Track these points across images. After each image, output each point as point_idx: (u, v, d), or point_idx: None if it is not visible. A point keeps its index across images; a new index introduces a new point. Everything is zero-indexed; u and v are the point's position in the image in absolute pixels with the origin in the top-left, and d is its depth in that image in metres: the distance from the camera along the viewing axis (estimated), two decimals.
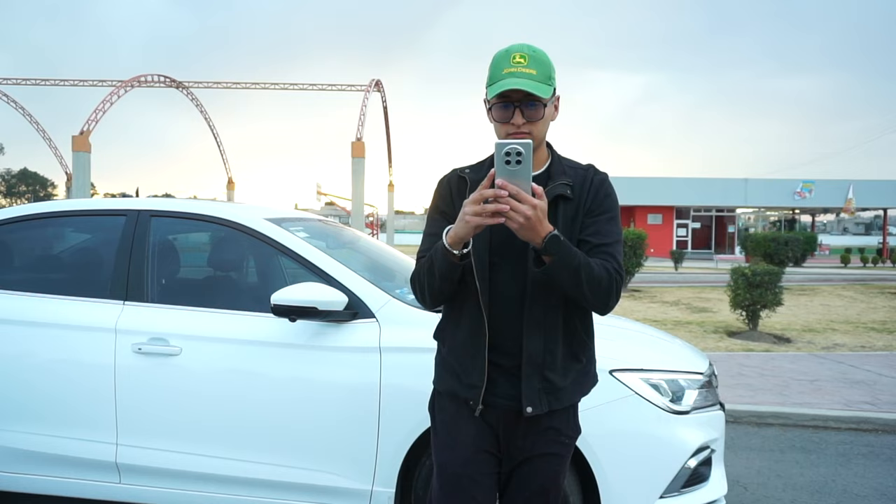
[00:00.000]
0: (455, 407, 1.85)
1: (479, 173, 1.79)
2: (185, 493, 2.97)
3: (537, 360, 1.75)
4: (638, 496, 2.68)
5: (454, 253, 1.63)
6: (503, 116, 1.70)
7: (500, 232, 1.68)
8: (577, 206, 1.77)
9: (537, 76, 1.67)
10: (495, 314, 1.76)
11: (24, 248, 3.47)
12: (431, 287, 1.74)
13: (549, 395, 1.78)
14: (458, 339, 1.83)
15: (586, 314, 1.86)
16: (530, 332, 1.74)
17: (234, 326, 2.92)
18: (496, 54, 1.73)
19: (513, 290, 1.75)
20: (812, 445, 4.79)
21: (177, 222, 3.32)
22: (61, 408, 3.04)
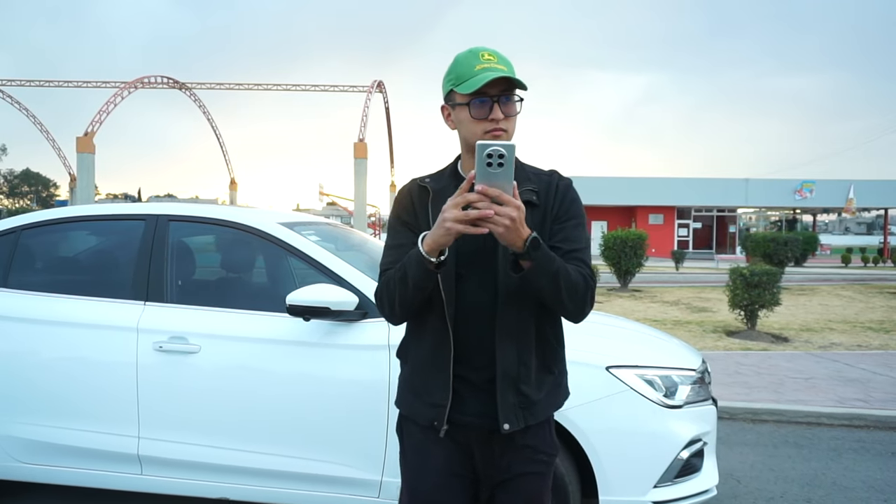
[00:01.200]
0: (420, 430, 1.77)
1: (439, 182, 1.76)
2: (203, 483, 3.13)
3: (512, 373, 1.69)
4: (633, 485, 2.84)
5: (431, 260, 1.55)
6: (481, 112, 1.65)
7: (467, 241, 1.62)
8: (543, 212, 1.73)
9: (509, 71, 1.65)
10: (462, 327, 1.69)
11: (50, 251, 3.64)
12: (403, 298, 1.65)
13: (525, 410, 1.70)
14: (421, 356, 1.76)
15: (556, 323, 1.80)
16: (503, 343, 1.68)
17: (250, 325, 3.08)
18: (459, 56, 1.70)
19: (482, 300, 1.69)
20: (805, 441, 4.95)
21: (194, 226, 3.48)
22: (86, 403, 3.20)
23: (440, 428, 1.71)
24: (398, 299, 1.66)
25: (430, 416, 1.73)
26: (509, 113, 1.66)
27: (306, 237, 3.29)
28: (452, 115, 1.72)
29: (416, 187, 1.79)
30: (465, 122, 1.68)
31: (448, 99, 1.73)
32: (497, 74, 1.61)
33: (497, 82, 1.62)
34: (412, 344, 1.81)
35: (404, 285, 1.63)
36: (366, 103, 41.57)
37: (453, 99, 1.70)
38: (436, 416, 1.71)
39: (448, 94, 1.72)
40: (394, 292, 1.67)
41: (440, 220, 1.51)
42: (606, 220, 40.63)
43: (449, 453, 1.75)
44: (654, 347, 3.34)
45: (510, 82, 1.64)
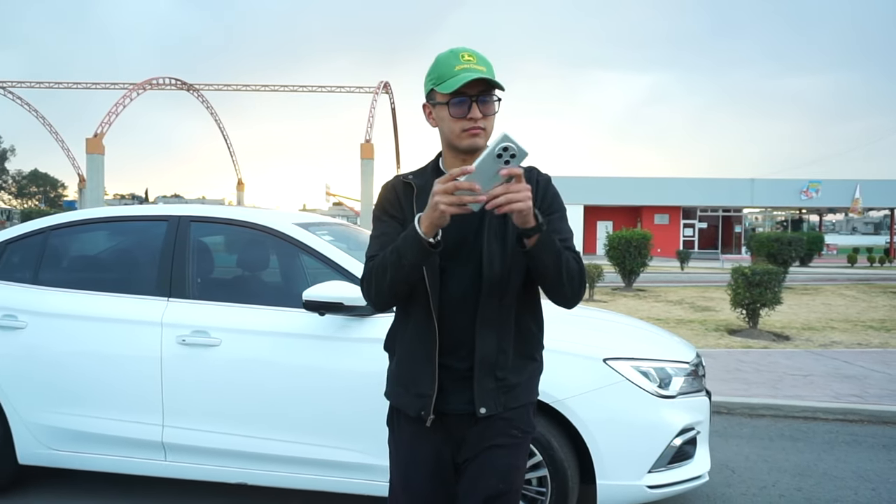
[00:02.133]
0: (410, 421, 1.82)
1: (422, 178, 1.82)
2: (223, 469, 3.32)
3: (490, 360, 1.75)
4: (629, 470, 3.01)
5: (430, 241, 1.59)
6: (460, 112, 1.70)
7: (450, 236, 1.70)
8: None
9: (487, 72, 1.70)
10: (446, 318, 1.75)
11: (78, 250, 3.84)
12: (394, 280, 1.67)
13: (505, 395, 1.77)
14: (408, 348, 1.81)
15: (538, 313, 1.88)
16: (483, 331, 1.74)
17: (268, 320, 3.27)
18: (439, 56, 1.75)
19: (465, 292, 1.75)
20: (800, 434, 5.11)
21: (214, 227, 3.68)
22: (113, 393, 3.40)
23: (426, 418, 1.77)
24: (388, 282, 1.68)
25: (417, 406, 1.78)
26: (487, 112, 1.72)
27: (320, 237, 3.48)
28: (434, 113, 1.78)
29: (399, 183, 1.85)
30: (444, 121, 1.74)
31: (429, 97, 1.78)
32: (475, 75, 1.66)
33: (476, 83, 1.67)
34: (398, 336, 1.86)
35: (398, 267, 1.65)
36: (372, 104, 41.81)
37: (434, 98, 1.76)
38: (423, 406, 1.77)
39: (429, 93, 1.78)
40: (383, 275, 1.68)
41: (432, 204, 1.54)
42: (612, 220, 40.74)
43: (438, 444, 1.81)
44: (650, 341, 3.52)
45: (488, 83, 1.69)
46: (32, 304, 3.56)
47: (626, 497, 3.04)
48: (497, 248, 1.74)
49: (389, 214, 1.82)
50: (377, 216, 1.84)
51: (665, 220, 41.12)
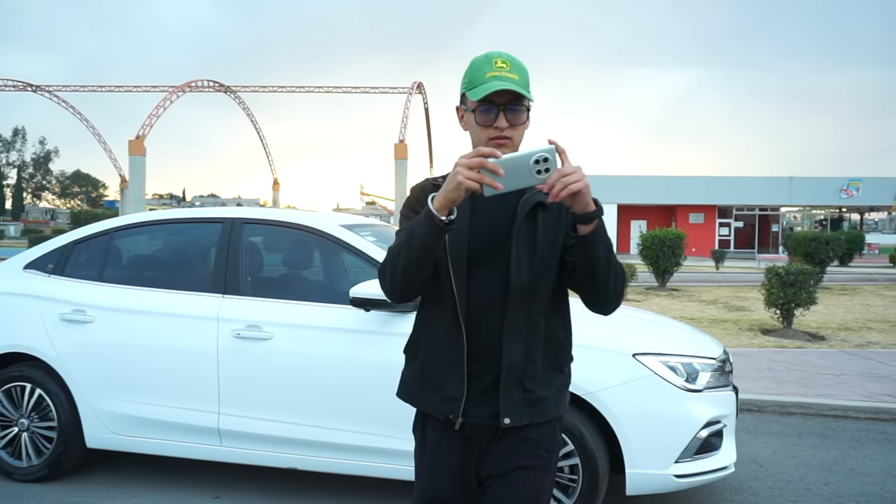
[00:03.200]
0: (442, 428, 1.78)
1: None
2: (275, 454, 3.55)
3: (517, 369, 1.71)
4: (656, 460, 3.18)
5: (441, 218, 1.54)
6: (486, 120, 1.67)
7: (478, 240, 1.69)
8: (556, 213, 1.74)
9: (520, 81, 1.66)
10: (474, 324, 1.71)
11: (140, 249, 4.14)
12: (407, 263, 1.62)
13: (530, 407, 1.72)
14: (435, 353, 1.77)
15: (567, 324, 1.84)
16: (510, 339, 1.70)
17: (317, 315, 3.50)
18: (474, 60, 1.72)
19: (493, 297, 1.71)
20: (829, 432, 5.18)
21: (265, 228, 3.93)
22: (173, 383, 3.66)
23: (455, 421, 1.73)
24: (401, 265, 1.63)
25: (445, 410, 1.75)
26: (515, 122, 1.67)
27: (364, 238, 3.70)
28: (465, 118, 1.76)
29: (429, 185, 1.81)
30: (472, 127, 1.72)
31: (462, 101, 1.77)
32: (502, 85, 1.62)
33: (505, 91, 1.64)
34: (423, 341, 1.82)
35: (409, 248, 1.60)
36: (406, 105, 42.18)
37: (465, 102, 1.74)
38: (451, 410, 1.74)
39: (462, 97, 1.76)
40: (397, 260, 1.64)
41: (451, 175, 1.52)
42: (646, 219, 40.47)
43: (463, 451, 1.77)
44: (677, 338, 3.67)
45: (518, 92, 1.65)
46: (99, 300, 3.84)
47: (654, 485, 3.20)
48: (526, 253, 1.70)
49: (416, 212, 1.75)
50: (404, 214, 1.81)
51: (700, 219, 40.71)
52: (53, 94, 48.64)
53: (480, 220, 1.66)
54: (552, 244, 1.72)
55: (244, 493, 3.77)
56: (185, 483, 3.90)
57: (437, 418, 1.78)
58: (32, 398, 3.87)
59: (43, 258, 4.12)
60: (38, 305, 3.92)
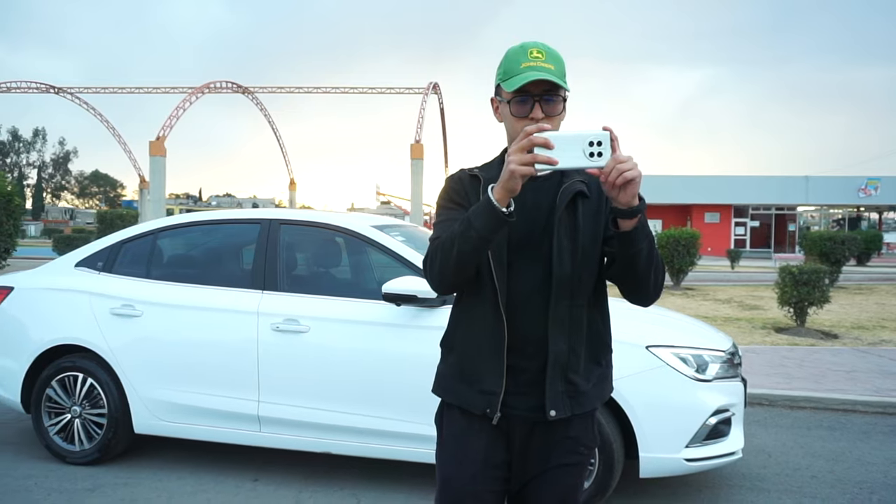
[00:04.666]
0: (466, 419, 1.76)
1: (489, 172, 1.75)
2: (311, 440, 3.82)
3: (562, 361, 1.69)
4: (668, 445, 3.40)
5: (502, 210, 1.51)
6: (522, 111, 1.66)
7: (518, 231, 1.68)
8: (597, 203, 1.74)
9: (555, 71, 1.63)
10: (513, 316, 1.69)
11: (183, 248, 4.42)
12: (460, 254, 1.59)
13: (572, 399, 1.71)
14: (473, 344, 1.74)
15: (606, 316, 1.82)
16: (555, 331, 1.68)
17: (350, 310, 3.76)
18: (509, 50, 1.69)
19: (534, 288, 1.69)
20: (838, 425, 5.37)
21: (300, 229, 4.18)
22: (216, 373, 3.93)
23: (493, 415, 1.71)
24: (454, 255, 1.60)
25: (482, 404, 1.72)
26: (551, 113, 1.66)
27: (394, 237, 3.96)
28: (499, 109, 1.75)
29: (466, 175, 1.80)
30: (507, 118, 1.71)
31: (497, 92, 1.75)
32: (538, 76, 1.60)
33: (540, 82, 1.62)
34: (460, 332, 1.79)
35: (465, 238, 1.57)
36: (422, 106, 42.45)
37: (500, 94, 1.73)
38: (488, 404, 1.71)
39: (497, 88, 1.74)
40: (450, 249, 1.60)
41: (506, 166, 1.48)
42: (661, 218, 40.47)
43: (489, 443, 1.74)
44: (688, 331, 3.89)
45: (554, 82, 1.63)
46: (146, 295, 4.13)
47: (666, 468, 3.43)
48: (567, 244, 1.68)
49: (455, 202, 1.76)
50: (442, 205, 1.78)
51: (716, 218, 40.67)
52: (75, 95, 49.44)
53: (520, 211, 1.63)
54: (593, 235, 1.71)
55: (281, 477, 4.04)
56: (226, 467, 4.17)
57: (472, 413, 1.74)
58: (84, 387, 4.16)
59: (93, 257, 4.42)
60: (90, 301, 4.21)
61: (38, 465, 4.16)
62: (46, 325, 4.28)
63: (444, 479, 1.80)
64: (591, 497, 3.45)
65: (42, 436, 4.24)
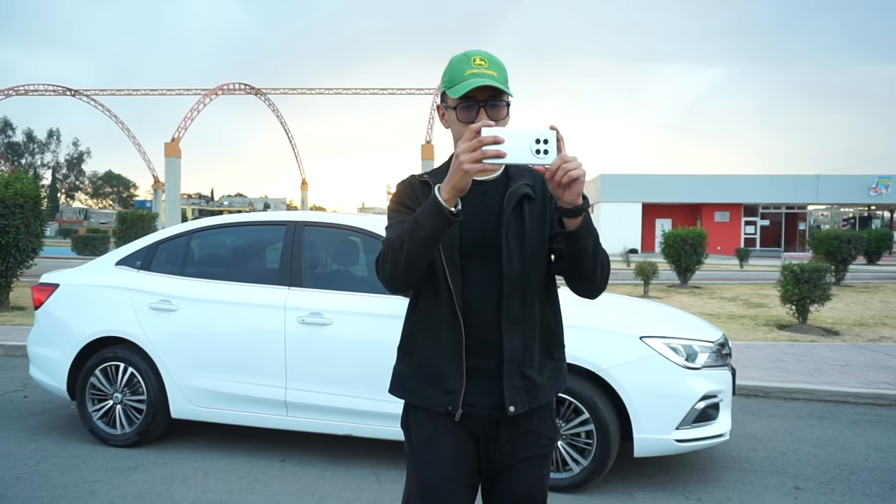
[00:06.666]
0: (432, 421, 1.82)
1: (438, 177, 1.76)
2: (334, 423, 4.17)
3: (517, 358, 1.76)
4: (659, 426, 3.73)
5: (451, 210, 1.55)
6: (468, 116, 1.71)
7: (469, 235, 1.74)
8: (542, 204, 1.80)
9: (498, 77, 1.69)
10: (470, 317, 1.75)
11: (215, 248, 4.78)
12: (410, 255, 1.62)
13: (529, 394, 1.78)
14: (433, 347, 1.79)
15: (557, 312, 1.89)
16: (509, 330, 1.75)
17: (370, 304, 4.11)
18: (453, 58, 1.75)
19: (487, 289, 1.75)
20: (829, 415, 5.67)
21: (322, 230, 4.54)
22: (246, 362, 4.29)
23: (455, 412, 1.77)
24: (404, 255, 1.63)
25: (444, 402, 1.78)
26: (496, 117, 1.71)
27: None
28: (446, 116, 1.80)
29: (416, 181, 1.84)
30: (454, 124, 1.76)
31: (442, 100, 1.81)
32: (482, 82, 1.66)
33: (485, 88, 1.68)
34: (420, 336, 1.83)
35: (415, 239, 1.60)
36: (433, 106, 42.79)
37: (446, 101, 1.78)
38: (450, 402, 1.77)
39: (442, 95, 1.80)
40: (399, 250, 1.64)
41: (455, 166, 1.50)
42: (671, 217, 40.68)
43: (457, 441, 1.81)
44: (679, 323, 4.21)
45: (498, 88, 1.69)
46: (182, 291, 4.50)
47: (658, 448, 3.76)
48: (516, 246, 1.75)
49: (407, 206, 1.80)
50: (394, 209, 1.82)
51: (726, 217, 40.81)
52: (90, 97, 50.18)
53: (470, 216, 1.71)
54: (540, 235, 1.79)
55: (307, 457, 4.40)
56: (256, 448, 4.54)
57: (435, 411, 1.81)
58: (125, 375, 4.54)
59: (132, 256, 4.80)
60: (130, 296, 4.59)
61: (83, 446, 4.55)
62: (90, 319, 4.67)
63: (419, 481, 1.84)
64: (589, 475, 3.78)
65: (86, 420, 4.63)
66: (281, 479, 4.03)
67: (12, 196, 10.45)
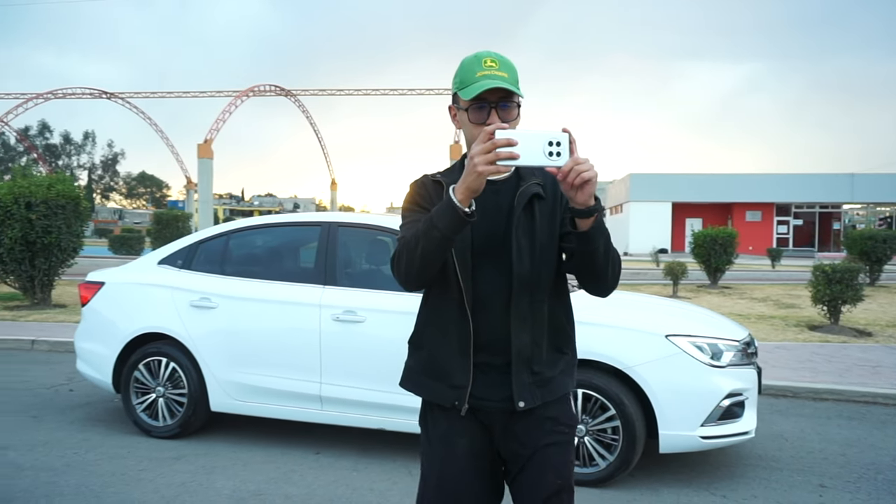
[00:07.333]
0: (448, 419, 1.85)
1: (451, 177, 1.81)
2: (367, 417, 4.31)
3: (525, 354, 1.78)
4: (685, 423, 3.80)
5: (465, 210, 1.57)
6: (479, 118, 1.73)
7: (480, 233, 1.77)
8: (552, 204, 1.82)
9: (509, 79, 1.72)
10: (480, 314, 1.78)
11: (253, 248, 4.96)
12: (424, 253, 1.66)
13: (541, 388, 1.81)
14: (441, 343, 1.83)
15: (568, 308, 1.92)
16: (517, 326, 1.77)
17: (401, 302, 4.24)
18: (464, 60, 1.77)
19: (497, 287, 1.78)
20: (857, 415, 5.66)
21: (355, 230, 4.69)
22: (284, 358, 4.46)
23: (461, 407, 1.81)
24: (419, 254, 1.67)
25: (451, 396, 1.82)
26: (506, 118, 1.74)
27: None
28: (458, 116, 1.83)
29: (429, 181, 1.88)
30: (466, 125, 1.79)
31: (454, 101, 1.84)
32: (494, 84, 1.68)
33: (496, 89, 1.71)
34: (429, 332, 1.88)
35: (429, 238, 1.63)
36: None
37: (457, 102, 1.81)
38: (457, 397, 1.81)
39: (454, 97, 1.83)
40: (415, 248, 1.67)
41: (469, 167, 1.53)
42: (701, 217, 40.25)
43: (473, 437, 1.84)
44: (705, 322, 4.28)
45: (508, 89, 1.71)
46: (221, 289, 4.68)
47: (683, 445, 3.83)
48: (526, 244, 1.78)
49: (420, 206, 1.84)
50: (407, 209, 1.86)
51: (757, 216, 40.27)
52: (125, 100, 51.28)
53: (481, 215, 1.73)
54: (550, 234, 1.81)
55: (340, 450, 4.55)
56: (291, 441, 4.71)
57: (443, 406, 1.85)
58: (167, 370, 4.74)
59: (173, 255, 5.00)
60: (172, 294, 4.79)
61: (127, 438, 4.76)
62: (134, 316, 4.88)
63: (437, 475, 1.87)
64: (615, 470, 3.87)
65: (130, 412, 4.84)
66: (316, 471, 4.18)
67: (55, 197, 10.82)
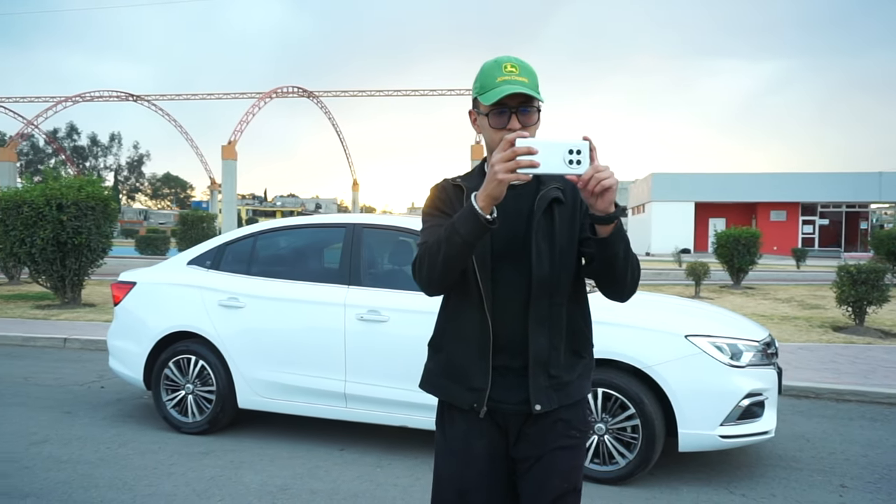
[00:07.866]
0: (466, 420, 1.86)
1: (471, 181, 1.85)
2: (390, 415, 4.40)
3: (543, 357, 1.79)
4: (704, 423, 3.84)
5: (487, 217, 1.59)
6: (499, 122, 1.74)
7: (500, 237, 1.78)
8: (572, 208, 1.83)
9: (529, 84, 1.72)
10: (499, 317, 1.79)
11: (279, 248, 5.08)
12: (446, 258, 1.67)
13: (558, 392, 1.82)
14: (461, 345, 1.85)
15: (586, 312, 1.93)
16: (535, 330, 1.78)
17: (423, 302, 4.31)
18: (485, 65, 1.78)
19: (516, 291, 1.79)
20: (881, 417, 5.64)
21: (379, 231, 4.78)
22: (309, 356, 4.57)
23: (479, 409, 1.82)
24: (441, 259, 1.68)
25: (469, 399, 1.83)
26: (527, 123, 1.74)
27: None
28: (478, 121, 1.84)
29: (449, 185, 1.89)
30: (486, 130, 1.79)
31: (474, 105, 1.85)
32: (514, 89, 1.69)
33: (516, 94, 1.71)
34: (449, 334, 1.90)
35: (451, 244, 1.65)
36: None
37: (478, 107, 1.81)
38: (475, 399, 1.82)
39: (474, 101, 1.84)
40: (437, 253, 1.68)
41: (490, 175, 1.55)
42: (725, 217, 39.87)
43: (490, 439, 1.86)
44: (725, 323, 4.31)
45: (529, 94, 1.72)
46: (248, 289, 4.80)
47: (702, 444, 3.87)
48: (546, 247, 1.79)
49: (441, 210, 1.85)
50: (428, 213, 1.88)
51: (782, 216, 39.79)
52: (151, 102, 52.06)
53: (502, 219, 1.73)
54: (569, 238, 1.82)
55: (364, 447, 4.65)
56: (316, 437, 4.82)
57: (461, 408, 1.86)
58: (196, 368, 4.87)
59: (202, 256, 5.13)
60: (201, 294, 4.92)
61: (157, 433, 4.90)
62: (164, 315, 5.02)
63: (455, 479, 1.88)
64: (635, 468, 3.92)
65: (160, 409, 4.98)
66: (340, 467, 4.28)
67: (85, 199, 11.07)
